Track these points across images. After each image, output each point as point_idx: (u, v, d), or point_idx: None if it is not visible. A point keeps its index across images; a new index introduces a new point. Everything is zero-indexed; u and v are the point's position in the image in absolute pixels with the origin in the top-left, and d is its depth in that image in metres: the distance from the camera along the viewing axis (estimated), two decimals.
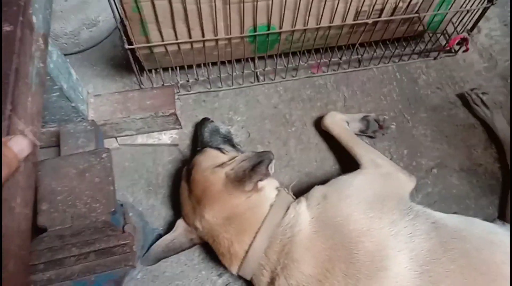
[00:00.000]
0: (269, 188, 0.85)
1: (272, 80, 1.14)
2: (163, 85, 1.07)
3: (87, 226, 0.73)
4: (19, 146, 0.46)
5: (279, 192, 0.85)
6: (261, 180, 0.82)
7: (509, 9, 1.35)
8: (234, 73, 1.10)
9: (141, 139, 1.03)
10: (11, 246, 0.43)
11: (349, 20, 0.98)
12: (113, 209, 0.76)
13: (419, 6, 0.99)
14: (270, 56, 1.13)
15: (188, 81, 1.09)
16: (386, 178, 0.88)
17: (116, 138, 1.03)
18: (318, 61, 1.14)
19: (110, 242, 0.70)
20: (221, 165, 0.85)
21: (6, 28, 0.54)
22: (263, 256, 0.78)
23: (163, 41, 0.92)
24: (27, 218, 0.46)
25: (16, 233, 0.43)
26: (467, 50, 1.18)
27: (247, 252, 0.78)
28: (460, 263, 0.71)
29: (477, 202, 1.00)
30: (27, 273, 0.45)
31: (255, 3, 0.88)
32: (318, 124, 1.07)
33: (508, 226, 0.87)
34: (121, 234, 0.71)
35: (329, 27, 0.99)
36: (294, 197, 0.86)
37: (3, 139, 0.45)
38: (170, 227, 0.90)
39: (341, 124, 1.03)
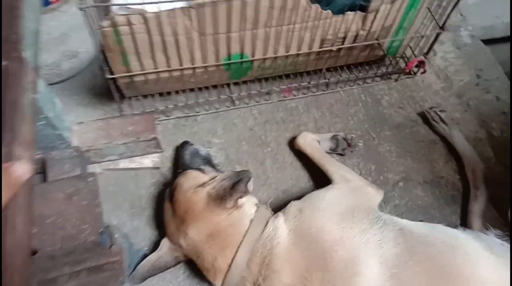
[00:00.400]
0: (248, 204, 0.90)
1: (247, 104, 1.21)
2: (143, 111, 1.12)
3: (77, 247, 0.76)
4: (20, 170, 0.50)
5: (258, 208, 0.91)
6: (241, 197, 0.87)
7: (460, 33, 1.48)
8: (211, 99, 1.17)
9: (123, 163, 1.07)
10: (15, 260, 0.47)
11: (315, 48, 1.07)
12: (101, 230, 0.80)
13: (378, 34, 1.09)
14: (245, 82, 1.21)
15: (167, 107, 1.15)
16: (355, 192, 0.95)
17: (99, 163, 1.06)
18: (289, 85, 1.23)
19: (101, 260, 0.73)
20: (203, 185, 0.90)
21: (2, 62, 0.59)
22: (245, 269, 0.82)
23: (143, 70, 0.98)
24: (28, 235, 0.50)
25: (19, 249, 0.47)
26: (424, 71, 1.29)
27: (230, 266, 0.83)
28: (426, 266, 0.78)
29: (441, 212, 1.08)
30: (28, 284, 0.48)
31: (229, 34, 0.96)
32: (292, 144, 1.14)
33: (469, 231, 0.94)
34: (111, 251, 0.75)
35: (298, 55, 1.08)
36: (272, 213, 0.92)
37: (6, 165, 0.49)
38: (155, 247, 0.94)
39: (313, 143, 1.11)
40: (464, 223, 1.06)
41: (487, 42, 2.40)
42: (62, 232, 0.79)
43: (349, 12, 1.00)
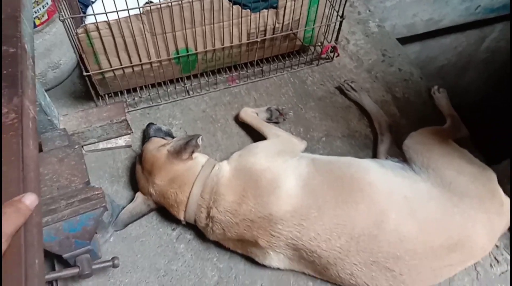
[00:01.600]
0: (200, 157, 1.18)
1: (199, 93, 1.51)
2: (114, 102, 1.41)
3: (70, 190, 1.02)
4: (29, 200, 0.61)
5: (208, 159, 1.19)
6: (193, 151, 1.15)
7: (369, 25, 1.83)
8: (169, 90, 1.47)
9: (102, 145, 1.35)
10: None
11: (244, 40, 1.39)
12: (87, 180, 1.07)
13: (291, 26, 1.42)
14: (195, 76, 1.51)
15: (134, 99, 1.44)
16: (282, 141, 1.25)
17: (82, 146, 1.33)
18: (232, 75, 1.54)
19: (88, 193, 0.99)
20: (163, 145, 1.19)
21: (11, 49, 0.87)
22: (200, 198, 1.09)
23: (111, 67, 1.28)
24: (41, 235, 0.66)
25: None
26: (338, 55, 1.62)
27: (188, 198, 1.10)
28: (327, 176, 1.07)
29: (356, 155, 1.36)
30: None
31: (174, 33, 1.27)
32: (237, 119, 1.43)
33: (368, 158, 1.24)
34: (95, 187, 1.01)
35: (231, 47, 1.39)
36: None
37: (18, 197, 0.62)
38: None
39: (252, 114, 1.40)
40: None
41: (412, 38, 2.79)
42: (57, 184, 1.05)
43: (264, 10, 1.33)
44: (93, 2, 1.46)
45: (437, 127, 1.33)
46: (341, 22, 1.51)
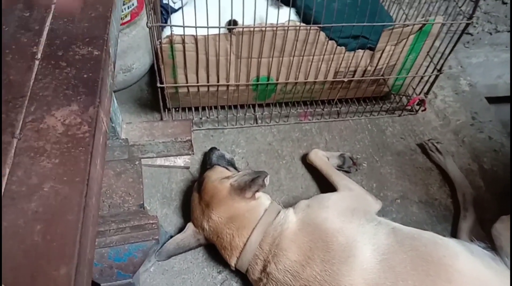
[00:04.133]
0: (264, 198, 1.07)
1: (268, 123, 1.40)
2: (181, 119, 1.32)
3: (122, 212, 0.93)
4: None
5: (272, 202, 1.07)
6: (258, 191, 1.04)
7: (460, 82, 1.67)
8: (238, 115, 1.37)
9: (159, 161, 1.25)
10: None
11: (330, 78, 1.27)
12: (141, 202, 0.97)
13: (383, 71, 1.29)
14: (268, 104, 1.41)
15: (201, 118, 1.35)
16: (356, 198, 1.11)
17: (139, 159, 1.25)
18: (305, 110, 1.42)
19: (142, 221, 0.89)
20: (227, 177, 1.08)
21: (96, 52, 0.79)
22: (258, 248, 0.97)
23: (187, 83, 1.19)
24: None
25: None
26: (425, 109, 1.47)
27: (245, 244, 0.98)
28: (411, 254, 0.92)
29: (433, 228, 1.21)
30: None
31: (259, 59, 1.17)
32: (304, 159, 1.31)
33: (454, 238, 1.08)
34: (150, 215, 0.91)
35: (314, 82, 1.28)
36: (284, 207, 1.07)
37: None
38: (180, 232, 1.09)
39: (323, 158, 1.28)
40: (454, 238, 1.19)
41: (490, 100, 2.60)
42: (110, 200, 0.96)
43: (359, 50, 1.21)
44: (176, 10, 1.40)
45: None
46: (437, 76, 1.37)
